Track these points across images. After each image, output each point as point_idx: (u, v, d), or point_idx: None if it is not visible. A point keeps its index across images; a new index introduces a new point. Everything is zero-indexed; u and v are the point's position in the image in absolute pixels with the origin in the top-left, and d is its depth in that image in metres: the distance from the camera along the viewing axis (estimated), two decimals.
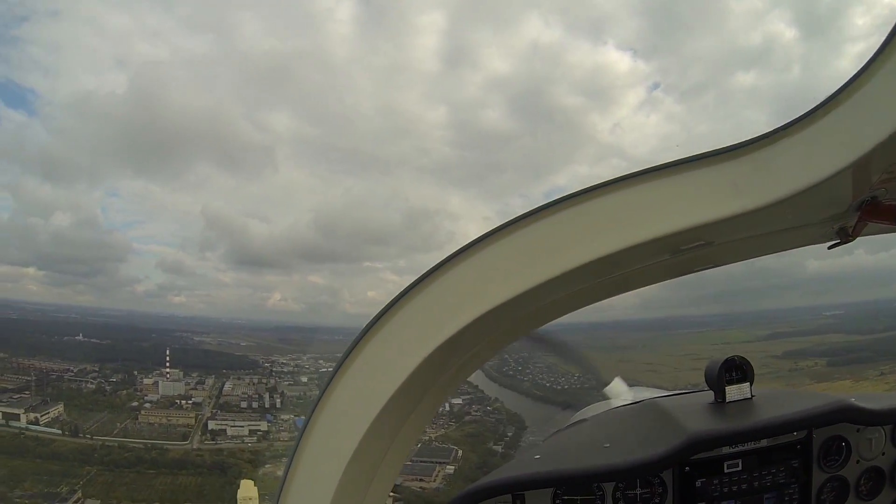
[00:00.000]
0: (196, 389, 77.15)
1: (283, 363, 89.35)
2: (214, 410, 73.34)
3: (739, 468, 2.96)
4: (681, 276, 2.68)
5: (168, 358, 78.22)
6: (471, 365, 2.80)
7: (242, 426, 70.13)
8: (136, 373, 77.09)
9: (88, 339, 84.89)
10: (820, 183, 1.74)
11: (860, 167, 1.73)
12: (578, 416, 4.17)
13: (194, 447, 66.19)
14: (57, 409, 66.56)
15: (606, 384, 4.65)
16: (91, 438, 64.31)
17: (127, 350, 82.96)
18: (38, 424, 63.75)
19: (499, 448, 64.24)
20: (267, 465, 63.01)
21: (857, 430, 3.11)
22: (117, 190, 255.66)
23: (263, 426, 70.94)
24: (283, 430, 70.36)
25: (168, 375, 77.00)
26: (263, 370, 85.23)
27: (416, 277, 2.11)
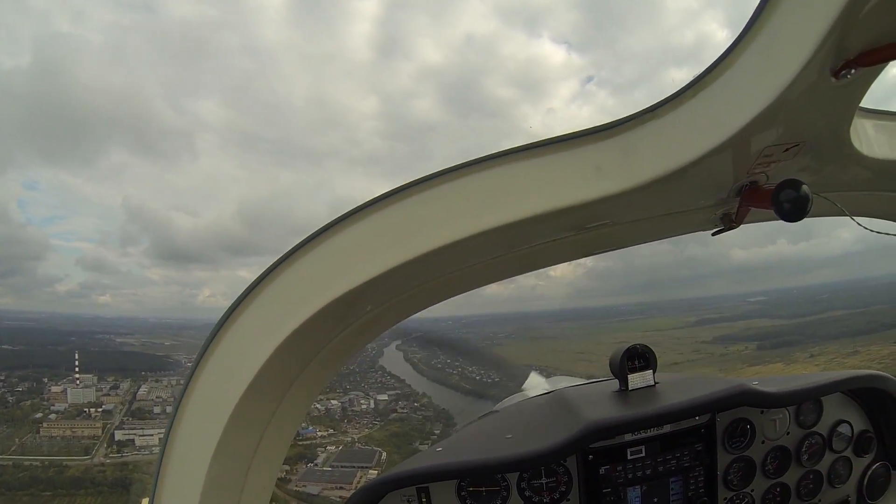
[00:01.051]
0: (109, 395, 73.21)
1: None
2: (126, 418, 69.45)
3: (643, 454, 3.03)
4: (587, 255, 2.69)
5: (77, 362, 74.22)
6: (348, 349, 2.68)
7: (151, 435, 65.15)
8: (46, 380, 73.20)
9: None
10: (688, 165, 1.77)
11: (734, 149, 1.75)
12: (496, 407, 4.08)
13: (97, 462, 61.99)
14: None
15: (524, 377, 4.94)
16: None
17: (40, 356, 78.94)
18: None
19: (425, 447, 61.52)
20: None
21: (762, 413, 3.28)
22: (34, 182, 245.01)
23: None
24: None
25: (78, 382, 72.78)
26: (183, 371, 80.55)
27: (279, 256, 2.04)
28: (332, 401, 77.18)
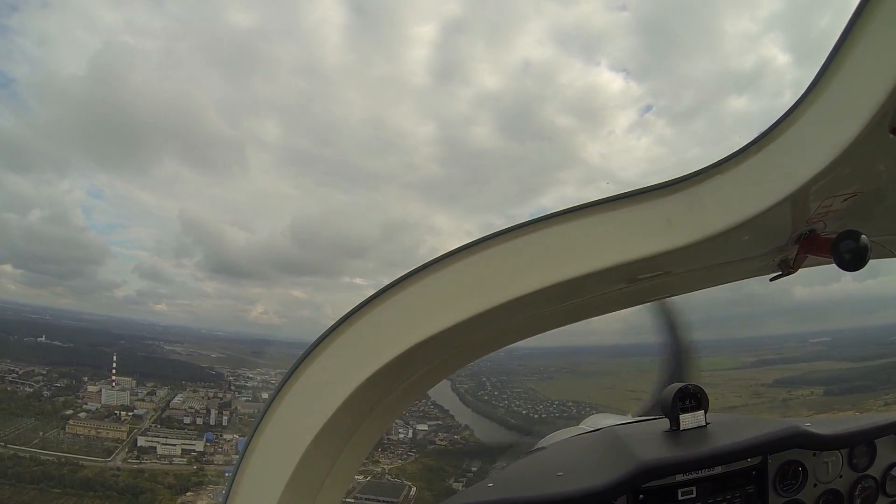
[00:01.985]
0: (143, 400, 71.62)
1: (248, 377, 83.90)
2: (154, 425, 67.34)
3: (694, 495, 2.98)
4: (640, 304, 2.83)
5: (115, 364, 72.90)
6: (418, 388, 2.79)
7: (175, 445, 63.62)
8: (85, 379, 72.34)
9: (51, 342, 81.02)
10: (752, 218, 1.84)
11: (795, 201, 1.83)
12: (541, 444, 4.13)
13: (114, 465, 60.21)
14: None
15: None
16: (4, 446, 59.00)
17: (87, 355, 78.53)
18: None
19: (459, 486, 56.23)
20: (188, 493, 57.63)
21: (814, 455, 3.23)
22: (99, 190, 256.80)
23: (199, 446, 64.25)
24: (218, 453, 64.17)
25: (114, 384, 71.56)
26: (223, 384, 79.83)
27: (364, 298, 2.13)
28: None
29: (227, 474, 29.45)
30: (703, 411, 3.37)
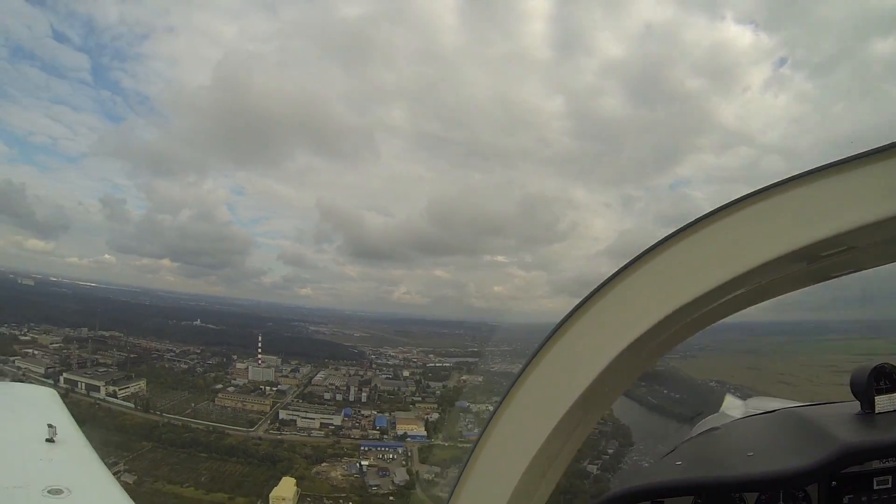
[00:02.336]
0: (287, 377, 74.74)
1: (390, 356, 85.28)
2: (295, 399, 69.97)
3: (889, 485, 2.66)
4: (817, 283, 2.59)
5: (260, 344, 76.42)
6: (641, 367, 2.63)
7: (314, 419, 65.32)
8: (234, 357, 76.48)
9: (205, 325, 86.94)
10: None
11: None
12: (706, 424, 3.82)
13: (256, 435, 62.59)
14: (138, 385, 66.05)
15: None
16: (160, 415, 62.46)
17: (237, 336, 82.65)
18: (116, 397, 63.72)
19: (593, 469, 51.99)
20: (323, 464, 58.46)
21: None
22: (241, 188, 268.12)
23: (337, 420, 65.66)
24: (355, 427, 65.30)
25: (260, 361, 75.05)
26: (364, 362, 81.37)
27: (607, 277, 2.11)
28: None
29: (362, 447, 52.90)
30: None
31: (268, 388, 71.35)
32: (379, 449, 60.87)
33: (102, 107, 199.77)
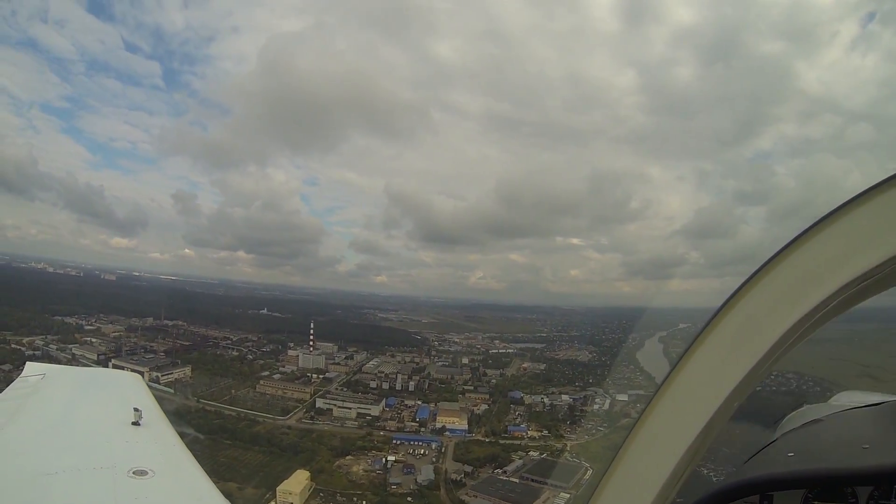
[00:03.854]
0: (339, 364, 71.50)
1: (454, 342, 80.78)
2: (340, 388, 66.16)
3: None
4: None
5: (312, 332, 73.51)
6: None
7: (350, 408, 61.17)
8: (291, 345, 74.28)
9: (270, 313, 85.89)
10: None
11: None
12: (802, 416, 3.54)
13: (286, 424, 59.24)
14: (182, 372, 64.43)
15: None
16: (197, 401, 60.39)
17: (299, 324, 79.87)
18: (158, 383, 62.92)
19: None
20: (348, 457, 54.07)
21: None
22: (314, 178, 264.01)
23: (375, 410, 61.22)
24: (393, 419, 60.68)
25: (311, 348, 72.31)
26: (423, 349, 77.03)
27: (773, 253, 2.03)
28: (562, 395, 64.92)
29: (394, 441, 54.69)
30: None
31: (314, 375, 68.29)
32: (411, 443, 55.71)
33: (175, 109, 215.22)
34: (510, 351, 77.75)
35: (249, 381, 66.07)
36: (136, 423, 5.09)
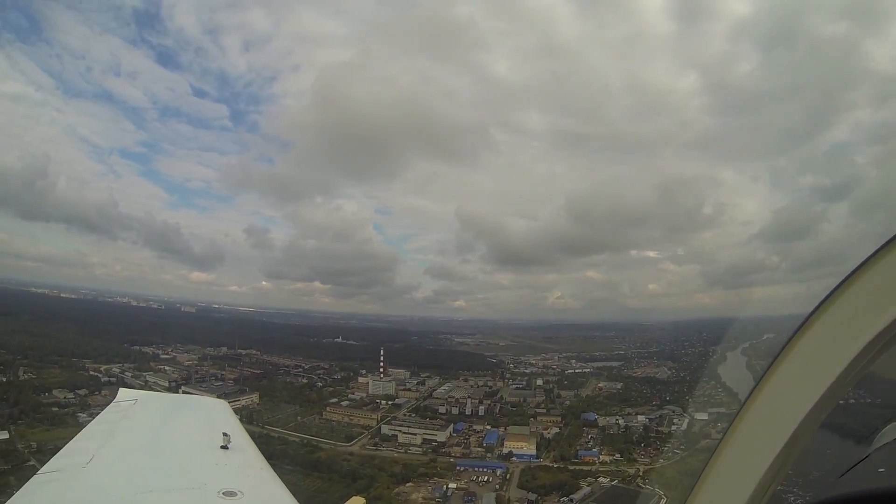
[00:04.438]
0: (410, 390, 69.55)
1: (530, 363, 77.41)
2: (408, 414, 63.99)
3: None
4: None
5: (382, 358, 71.86)
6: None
7: (416, 434, 58.70)
8: (363, 371, 72.89)
9: (345, 341, 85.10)
10: None
11: None
12: (890, 433, 3.35)
13: (349, 450, 57.24)
14: (249, 399, 63.78)
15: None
16: (261, 427, 59.59)
17: (372, 351, 78.12)
18: None
19: None
20: (408, 484, 51.61)
21: None
22: (387, 208, 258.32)
23: (441, 436, 58.50)
24: (460, 445, 57.74)
25: (381, 375, 70.68)
26: (497, 373, 74.01)
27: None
28: (638, 416, 60.54)
29: (458, 468, 51.15)
30: None
31: (383, 402, 66.20)
32: (475, 469, 52.39)
33: (243, 147, 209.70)
34: (586, 370, 73.65)
35: (317, 407, 64.67)
36: (224, 447, 5.28)
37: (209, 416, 6.70)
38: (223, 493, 4.24)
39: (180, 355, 74.13)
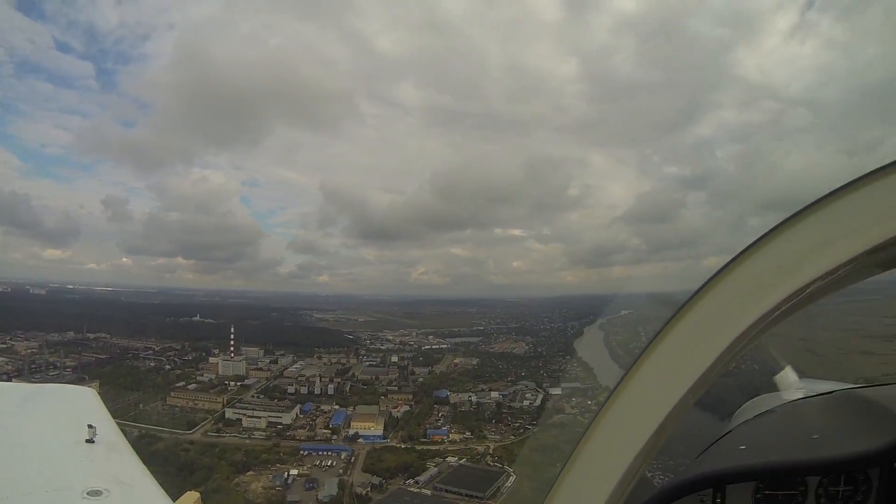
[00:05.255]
0: (262, 370, 66.30)
1: (387, 339, 76.07)
2: (256, 395, 60.96)
3: None
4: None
5: (232, 336, 68.02)
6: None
7: (260, 417, 55.93)
8: (216, 351, 68.65)
9: (203, 320, 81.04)
10: None
11: None
12: (751, 408, 3.88)
13: (190, 438, 54.12)
14: (89, 388, 60.30)
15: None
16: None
17: (228, 329, 72.34)
18: None
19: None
20: (249, 473, 49.07)
21: None
22: (255, 180, 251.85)
23: (288, 419, 55.93)
24: (305, 427, 55.42)
25: (232, 354, 66.93)
26: (352, 349, 71.85)
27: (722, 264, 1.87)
28: (492, 392, 60.24)
29: (302, 451, 50.34)
30: None
31: (233, 383, 62.85)
32: (320, 453, 50.54)
33: (108, 111, 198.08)
34: (444, 346, 73.05)
35: (162, 393, 60.58)
36: (90, 441, 4.58)
37: (73, 407, 5.80)
38: (87, 493, 3.73)
39: (19, 344, 67.67)
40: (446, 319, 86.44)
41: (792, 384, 4.45)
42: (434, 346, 72.83)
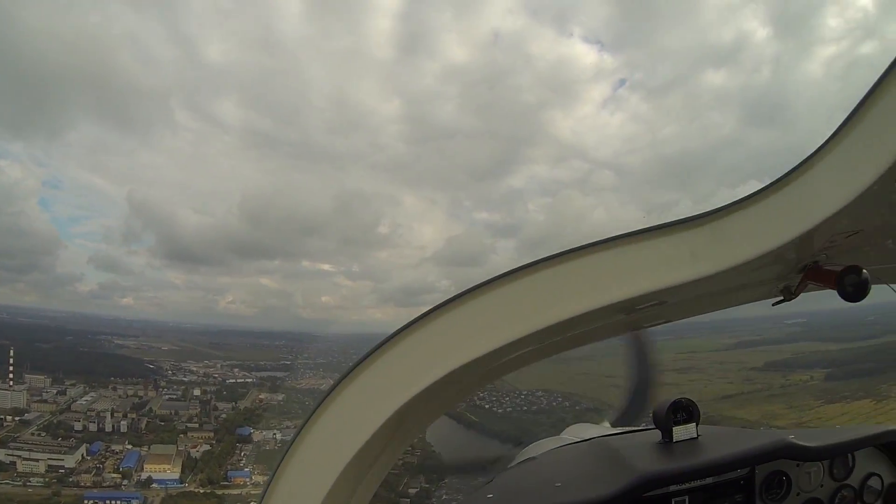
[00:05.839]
0: (46, 402, 59.44)
1: (190, 371, 72.02)
2: (36, 433, 54.60)
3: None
4: (632, 331, 3.34)
5: (12, 360, 60.81)
6: (443, 408, 3.00)
7: (38, 461, 50.44)
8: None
9: None
10: (769, 252, 2.05)
11: (807, 237, 2.04)
12: (526, 453, 4.02)
13: None
14: None
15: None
16: None
17: (17, 354, 65.53)
18: None
19: None
20: None
21: (797, 465, 3.29)
22: (58, 181, 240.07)
23: (70, 461, 50.90)
24: (90, 471, 50.68)
25: (11, 383, 59.64)
26: (150, 381, 67.11)
27: (398, 328, 2.22)
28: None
29: (86, 501, 46.54)
30: (694, 423, 3.31)
31: (9, 417, 56.11)
32: (107, 502, 47.21)
33: None
34: (249, 380, 71.01)
35: None
36: None
37: None
38: None
39: None
40: (252, 352, 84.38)
41: (571, 427, 4.58)
42: (239, 380, 70.52)
